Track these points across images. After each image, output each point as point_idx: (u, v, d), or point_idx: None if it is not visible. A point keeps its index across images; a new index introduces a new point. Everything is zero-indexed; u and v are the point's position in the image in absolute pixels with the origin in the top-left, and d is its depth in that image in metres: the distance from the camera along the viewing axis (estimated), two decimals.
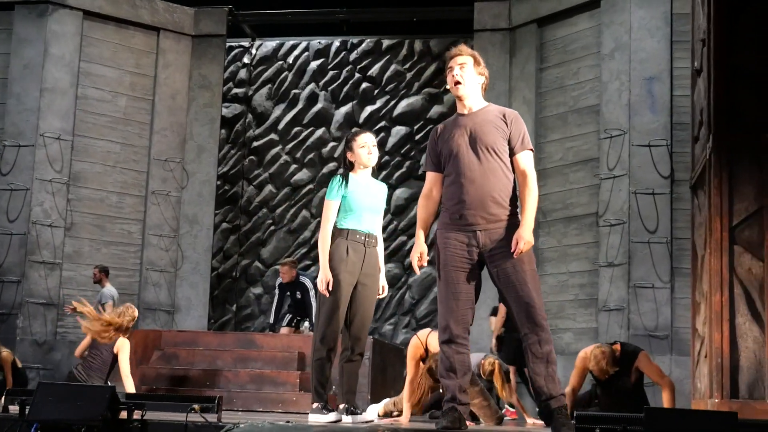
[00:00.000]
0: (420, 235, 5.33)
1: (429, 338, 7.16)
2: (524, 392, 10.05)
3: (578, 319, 11.47)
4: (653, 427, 3.51)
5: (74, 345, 12.43)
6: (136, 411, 4.37)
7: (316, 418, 5.98)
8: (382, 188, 6.44)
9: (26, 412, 4.44)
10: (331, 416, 5.99)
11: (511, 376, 9.62)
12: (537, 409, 5.51)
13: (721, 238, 7.83)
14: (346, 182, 6.21)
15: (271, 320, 12.15)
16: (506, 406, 9.50)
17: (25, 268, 12.42)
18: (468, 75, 5.31)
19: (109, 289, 12.13)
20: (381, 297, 6.36)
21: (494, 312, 10.66)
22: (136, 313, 8.76)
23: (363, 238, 6.20)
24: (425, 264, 5.33)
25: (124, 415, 4.44)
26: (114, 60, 13.47)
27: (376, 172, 6.44)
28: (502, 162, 5.21)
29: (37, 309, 12.36)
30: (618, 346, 7.69)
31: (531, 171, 5.25)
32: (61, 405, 4.29)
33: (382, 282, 6.36)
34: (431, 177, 5.39)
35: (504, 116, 5.31)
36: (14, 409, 4.93)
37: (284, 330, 11.99)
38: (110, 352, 8.54)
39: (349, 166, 6.32)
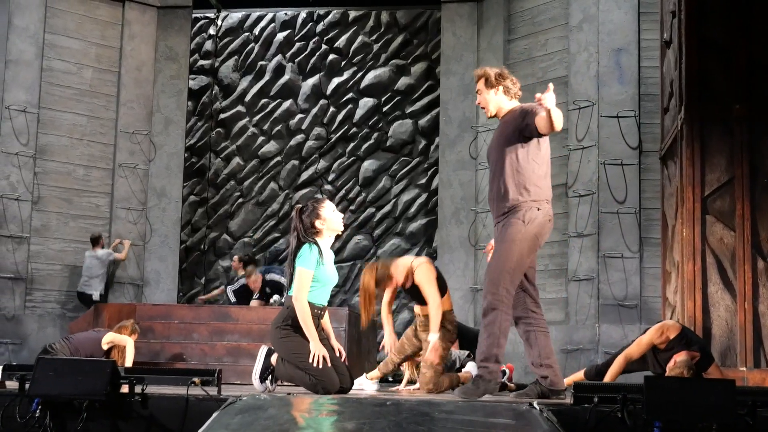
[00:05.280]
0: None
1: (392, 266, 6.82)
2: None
3: (548, 290, 11.58)
4: (653, 396, 3.61)
5: (43, 319, 12.41)
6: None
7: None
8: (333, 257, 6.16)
9: (26, 388, 4.46)
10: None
11: None
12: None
13: (693, 209, 7.96)
14: (321, 253, 5.88)
15: None
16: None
17: None
18: (484, 98, 5.89)
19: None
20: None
21: None
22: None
23: (321, 312, 5.98)
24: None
25: (124, 389, 4.48)
26: (79, 31, 13.29)
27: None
28: (508, 157, 5.67)
29: (5, 283, 12.25)
30: (698, 355, 6.84)
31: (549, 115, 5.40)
32: (61, 380, 4.30)
33: (337, 345, 6.09)
34: None
35: (519, 112, 5.76)
36: (12, 384, 4.91)
37: (254, 303, 12.04)
38: (98, 344, 8.64)
39: (315, 233, 5.94)
